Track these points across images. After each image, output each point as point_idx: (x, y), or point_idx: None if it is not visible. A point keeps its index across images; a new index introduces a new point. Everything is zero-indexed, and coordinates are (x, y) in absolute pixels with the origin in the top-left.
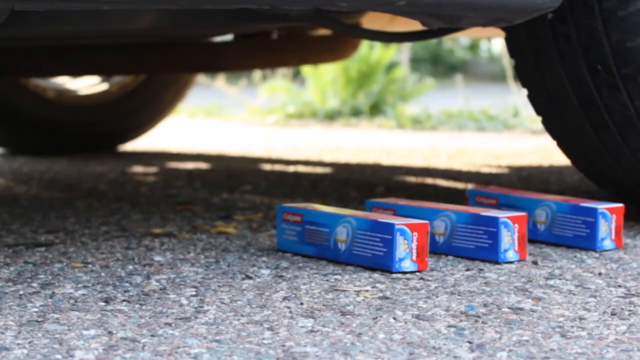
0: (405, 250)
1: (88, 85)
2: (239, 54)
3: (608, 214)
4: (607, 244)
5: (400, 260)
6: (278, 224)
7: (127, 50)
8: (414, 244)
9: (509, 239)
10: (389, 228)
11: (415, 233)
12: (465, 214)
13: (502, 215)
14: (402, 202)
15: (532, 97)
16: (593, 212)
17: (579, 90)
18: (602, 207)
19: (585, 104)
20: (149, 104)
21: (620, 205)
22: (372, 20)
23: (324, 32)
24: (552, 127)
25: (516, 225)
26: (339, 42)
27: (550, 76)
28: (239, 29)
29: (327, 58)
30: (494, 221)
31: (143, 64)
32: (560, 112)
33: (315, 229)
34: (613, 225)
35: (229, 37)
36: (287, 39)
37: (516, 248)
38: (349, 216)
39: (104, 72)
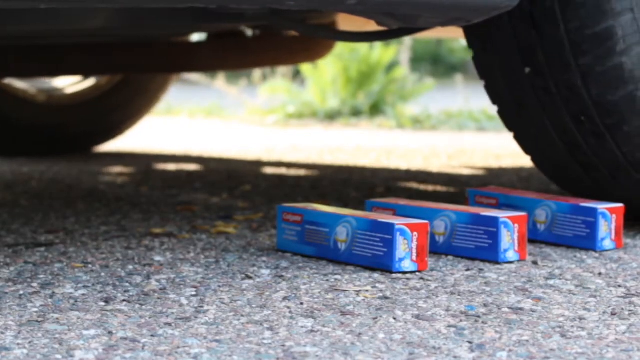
0: (405, 250)
1: (72, 83)
2: (210, 54)
3: (608, 214)
4: (607, 244)
5: (400, 260)
6: (278, 224)
7: (94, 50)
8: (414, 244)
9: (509, 239)
10: (389, 228)
11: (415, 233)
12: (465, 214)
13: (502, 215)
14: (402, 202)
15: (518, 139)
16: (593, 212)
17: (565, 136)
18: (602, 207)
19: (573, 149)
20: (138, 93)
21: (620, 205)
22: (350, 21)
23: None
24: (542, 166)
25: (516, 225)
26: (313, 42)
27: (534, 124)
28: (197, 28)
29: (301, 58)
30: (494, 221)
31: (111, 63)
32: (548, 155)
33: (315, 229)
34: (613, 226)
35: (201, 37)
36: (260, 39)
37: (516, 248)
38: (349, 216)
39: (69, 73)
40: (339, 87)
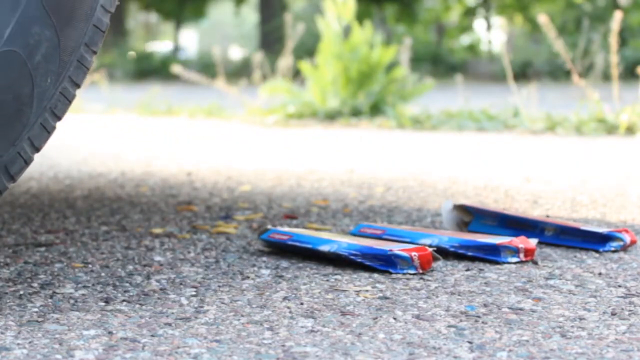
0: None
1: None
2: None
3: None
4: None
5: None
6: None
7: None
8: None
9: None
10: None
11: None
12: (455, 238)
13: (499, 241)
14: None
15: None
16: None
17: None
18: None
19: None
20: None
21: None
22: None
23: None
24: None
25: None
26: None
27: None
28: None
29: None
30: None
31: None
32: None
33: (299, 245)
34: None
35: None
36: None
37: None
38: (335, 240)
39: None
40: (339, 87)
